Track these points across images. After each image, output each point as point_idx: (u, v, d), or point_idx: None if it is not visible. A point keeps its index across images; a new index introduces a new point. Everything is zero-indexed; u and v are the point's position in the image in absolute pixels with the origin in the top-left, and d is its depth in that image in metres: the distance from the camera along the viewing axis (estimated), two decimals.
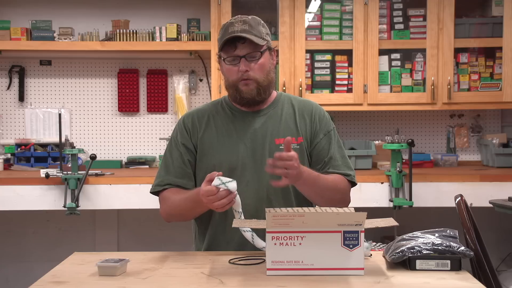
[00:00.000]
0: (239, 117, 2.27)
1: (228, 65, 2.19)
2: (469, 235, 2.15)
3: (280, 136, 2.22)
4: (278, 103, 2.30)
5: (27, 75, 4.44)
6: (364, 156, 4.03)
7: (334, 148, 2.27)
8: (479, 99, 4.07)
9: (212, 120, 2.28)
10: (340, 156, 2.28)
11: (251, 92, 2.19)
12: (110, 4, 4.41)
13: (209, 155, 2.24)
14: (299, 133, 2.26)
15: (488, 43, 4.09)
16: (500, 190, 3.58)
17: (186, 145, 2.26)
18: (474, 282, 1.73)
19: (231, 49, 2.17)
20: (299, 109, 2.30)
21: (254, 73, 2.18)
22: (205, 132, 2.26)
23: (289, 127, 2.26)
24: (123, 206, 3.74)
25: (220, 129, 2.26)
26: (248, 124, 2.25)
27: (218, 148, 2.23)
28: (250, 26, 2.17)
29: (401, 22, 4.08)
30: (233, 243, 2.20)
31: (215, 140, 2.24)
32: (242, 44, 2.16)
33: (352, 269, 1.79)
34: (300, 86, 3.99)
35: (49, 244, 4.41)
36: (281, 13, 4.02)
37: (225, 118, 2.27)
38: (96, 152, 4.18)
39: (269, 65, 2.23)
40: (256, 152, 2.21)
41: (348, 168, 2.28)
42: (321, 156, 2.25)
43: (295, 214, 1.79)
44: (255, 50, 2.17)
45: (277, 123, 2.25)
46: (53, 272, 1.89)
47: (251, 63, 2.17)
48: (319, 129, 2.27)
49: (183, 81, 4.41)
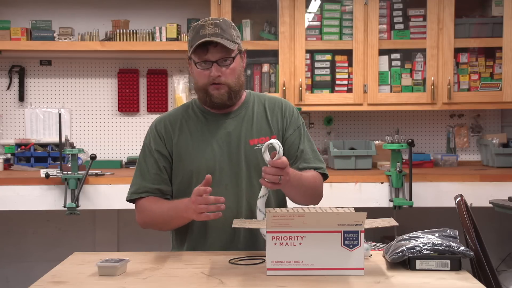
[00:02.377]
0: (211, 120, 2.25)
1: (199, 68, 2.16)
2: (469, 235, 2.15)
3: (254, 137, 2.22)
4: (249, 103, 2.29)
5: (27, 75, 4.44)
6: (364, 156, 4.03)
7: (304, 142, 2.27)
8: (479, 99, 4.07)
9: (185, 125, 2.25)
10: (310, 150, 2.28)
11: (222, 97, 2.18)
12: (110, 4, 4.41)
13: (186, 160, 2.21)
14: (272, 131, 2.25)
15: (488, 43, 4.10)
16: (500, 190, 3.58)
17: (160, 151, 2.24)
18: (474, 282, 1.73)
19: (203, 52, 2.14)
20: (270, 107, 2.29)
21: (226, 78, 2.16)
22: (179, 137, 2.24)
23: (262, 127, 2.25)
24: (123, 206, 3.71)
25: (194, 134, 2.23)
26: (221, 127, 2.23)
27: (194, 153, 2.21)
28: (222, 29, 2.13)
29: (401, 22, 4.08)
30: (216, 245, 2.19)
31: (190, 145, 2.22)
32: (214, 48, 2.13)
33: (352, 269, 1.79)
34: (300, 86, 3.99)
35: (49, 244, 4.41)
36: (281, 13, 4.01)
37: (198, 122, 2.25)
38: (96, 152, 4.18)
39: (240, 69, 2.21)
40: (232, 155, 2.21)
41: (319, 161, 2.28)
42: (292, 151, 2.25)
43: (295, 214, 1.79)
44: (226, 55, 2.14)
45: (249, 124, 2.24)
46: (53, 272, 1.89)
47: (223, 68, 2.15)
48: (289, 124, 2.27)
49: (183, 81, 4.41)
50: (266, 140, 2.20)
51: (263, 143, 2.17)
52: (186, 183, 2.21)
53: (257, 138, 2.22)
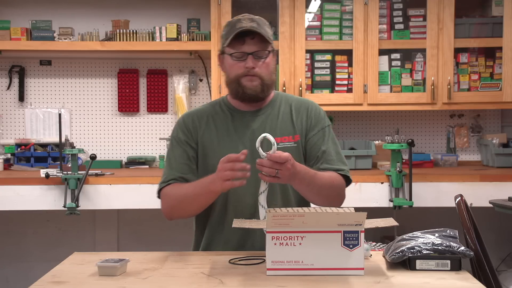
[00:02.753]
0: (237, 117, 2.26)
1: (233, 60, 2.18)
2: (469, 235, 2.15)
3: (277, 135, 2.22)
4: (276, 102, 2.30)
5: (27, 75, 4.44)
6: (364, 156, 4.03)
7: (328, 143, 2.26)
8: (479, 99, 4.07)
9: (212, 121, 2.27)
10: (334, 151, 2.27)
11: (255, 89, 2.19)
12: (110, 4, 4.41)
13: (209, 156, 2.23)
14: (296, 131, 2.26)
15: (488, 43, 4.09)
16: (500, 190, 3.58)
17: (188, 142, 2.26)
18: (474, 282, 1.73)
19: (239, 44, 2.16)
20: (296, 107, 2.30)
21: (260, 71, 2.18)
22: (205, 133, 2.26)
23: (286, 125, 2.26)
24: (123, 206, 3.74)
25: (220, 130, 2.25)
26: (246, 124, 2.25)
27: (218, 148, 2.22)
28: (258, 24, 2.17)
29: (401, 22, 4.08)
30: (231, 244, 2.20)
31: (215, 140, 2.24)
32: (251, 40, 2.15)
33: (352, 269, 1.79)
34: (300, 86, 3.99)
35: (49, 244, 4.41)
36: (281, 13, 4.02)
37: (224, 119, 2.27)
38: (96, 152, 4.18)
39: (273, 66, 2.24)
40: (255, 152, 2.21)
41: (342, 163, 2.26)
42: (314, 151, 2.25)
43: (295, 214, 1.79)
44: (263, 49, 2.17)
45: (274, 123, 2.25)
46: (53, 272, 1.89)
47: (258, 62, 2.17)
48: (314, 124, 2.27)
49: (183, 81, 4.41)
50: (289, 139, 2.21)
51: (286, 142, 2.20)
52: None
53: (281, 137, 2.22)
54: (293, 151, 2.21)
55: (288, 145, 2.23)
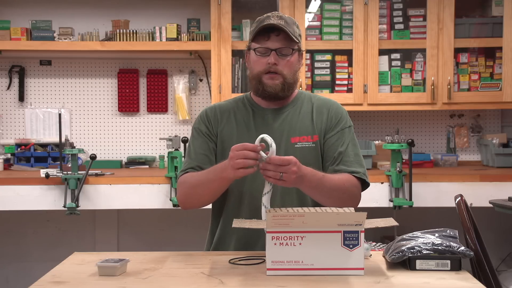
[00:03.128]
0: (258, 114, 2.25)
1: (257, 55, 2.17)
2: (469, 235, 2.15)
3: (296, 135, 2.21)
4: (298, 101, 2.28)
5: (27, 75, 4.44)
6: (364, 156, 3.97)
7: (346, 144, 2.22)
8: (479, 99, 4.07)
9: (233, 115, 2.26)
10: (353, 153, 2.22)
11: (276, 87, 2.17)
12: (110, 4, 4.41)
13: (227, 150, 2.20)
14: (315, 131, 2.23)
15: (488, 43, 4.10)
16: (500, 190, 3.58)
17: (209, 134, 2.25)
18: (474, 282, 1.73)
19: (263, 39, 2.16)
20: (318, 107, 2.27)
21: (282, 69, 2.16)
22: (225, 126, 2.25)
23: (305, 125, 2.23)
24: (123, 206, 3.73)
25: (240, 125, 2.24)
26: (267, 121, 2.23)
27: (236, 143, 2.21)
28: (286, 22, 2.16)
29: (401, 22, 4.08)
30: (241, 242, 2.19)
31: (234, 135, 2.23)
32: (276, 36, 2.15)
33: (352, 269, 1.79)
34: (300, 86, 3.99)
35: (49, 244, 4.41)
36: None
37: (245, 114, 2.26)
38: (96, 152, 4.18)
39: (297, 66, 2.22)
40: None
41: (359, 166, 2.21)
42: (330, 152, 2.21)
43: (295, 214, 1.79)
44: (288, 46, 2.16)
45: (294, 122, 2.24)
46: (53, 272, 1.89)
47: (281, 59, 2.16)
48: (333, 125, 2.24)
49: (183, 81, 4.41)
50: (308, 139, 2.20)
51: (304, 141, 2.18)
52: None
53: (299, 136, 2.21)
54: (311, 152, 2.20)
55: (307, 145, 2.20)
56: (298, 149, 2.19)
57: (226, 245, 2.23)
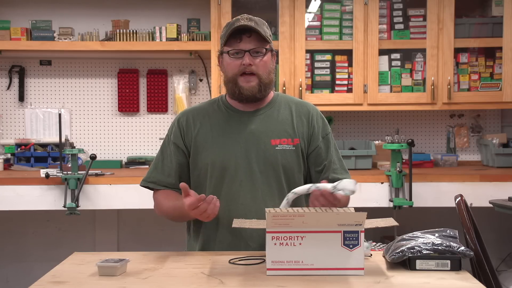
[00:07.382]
0: (235, 117, 2.26)
1: (231, 58, 2.18)
2: (469, 235, 2.15)
3: (275, 137, 2.22)
4: (275, 104, 2.30)
5: (27, 75, 4.44)
6: (364, 156, 4.03)
7: (332, 151, 2.28)
8: (479, 99, 4.07)
9: (208, 119, 2.27)
10: (337, 159, 2.30)
11: (252, 89, 2.18)
12: (110, 4, 4.41)
13: (202, 154, 2.23)
14: (296, 134, 2.25)
15: (488, 43, 4.09)
16: (500, 190, 3.58)
17: (177, 144, 2.27)
18: (474, 282, 1.73)
19: (236, 42, 2.16)
20: (297, 110, 2.29)
21: (257, 69, 2.17)
22: (199, 130, 2.25)
23: (285, 129, 2.25)
24: (123, 206, 3.73)
25: (215, 128, 2.25)
26: (244, 124, 2.24)
27: (212, 147, 2.22)
28: (256, 23, 2.17)
29: (401, 22, 4.08)
30: (224, 244, 2.20)
31: (209, 139, 2.24)
32: (248, 37, 2.16)
33: (352, 269, 1.79)
34: (300, 86, 3.99)
35: (49, 244, 4.41)
36: (281, 13, 4.02)
37: (221, 117, 2.26)
38: (96, 152, 4.19)
39: (271, 66, 2.23)
40: (250, 152, 2.21)
41: (345, 171, 2.30)
42: (320, 160, 2.26)
43: (295, 214, 1.79)
44: (260, 46, 2.17)
45: (273, 124, 2.25)
46: (53, 272, 1.89)
47: (255, 59, 2.17)
48: (318, 132, 2.27)
49: (183, 81, 4.41)
50: (289, 142, 2.21)
51: (285, 144, 2.20)
52: (203, 176, 2.23)
53: (279, 139, 2.22)
54: (292, 154, 2.22)
55: (288, 148, 2.22)
56: (279, 151, 2.21)
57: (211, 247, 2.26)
